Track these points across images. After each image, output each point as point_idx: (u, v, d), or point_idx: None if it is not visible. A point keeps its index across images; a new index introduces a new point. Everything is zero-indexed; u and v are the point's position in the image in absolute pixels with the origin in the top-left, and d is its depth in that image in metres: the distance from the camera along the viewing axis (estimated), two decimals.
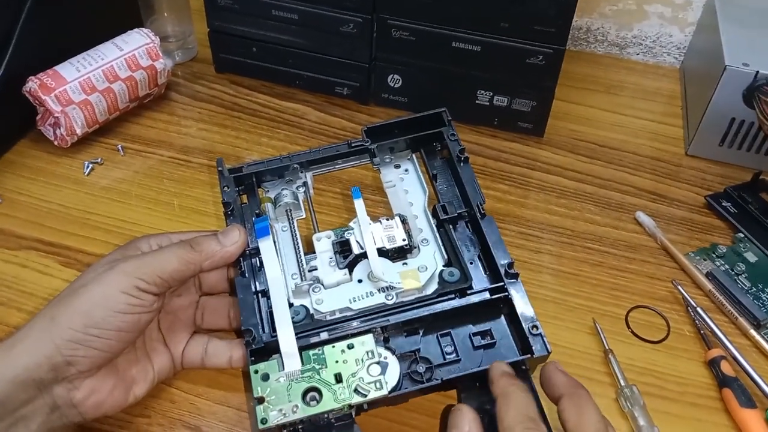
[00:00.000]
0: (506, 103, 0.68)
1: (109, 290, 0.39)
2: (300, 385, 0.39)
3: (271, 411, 0.38)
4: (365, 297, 0.43)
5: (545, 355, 0.40)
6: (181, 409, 0.47)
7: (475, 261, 0.45)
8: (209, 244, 0.43)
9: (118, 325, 0.39)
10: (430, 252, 0.46)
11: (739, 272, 0.57)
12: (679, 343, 0.52)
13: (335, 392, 0.38)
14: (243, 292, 0.43)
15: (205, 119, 0.71)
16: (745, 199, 0.63)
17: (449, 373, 0.40)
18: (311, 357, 0.40)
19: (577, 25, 0.84)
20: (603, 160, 0.69)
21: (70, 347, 0.38)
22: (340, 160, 0.51)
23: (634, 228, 0.62)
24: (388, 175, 0.51)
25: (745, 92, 0.63)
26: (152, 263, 0.41)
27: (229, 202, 0.47)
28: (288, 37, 0.70)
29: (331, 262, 0.46)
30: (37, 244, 0.58)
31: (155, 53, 0.68)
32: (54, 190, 0.63)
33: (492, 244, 0.44)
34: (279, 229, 0.49)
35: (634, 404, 0.47)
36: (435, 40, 0.66)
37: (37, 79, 0.62)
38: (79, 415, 0.40)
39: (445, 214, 0.47)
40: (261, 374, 0.39)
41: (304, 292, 0.44)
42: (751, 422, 0.46)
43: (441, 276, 0.44)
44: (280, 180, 0.51)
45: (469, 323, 0.43)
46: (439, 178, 0.50)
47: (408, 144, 0.52)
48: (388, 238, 0.46)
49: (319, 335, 0.41)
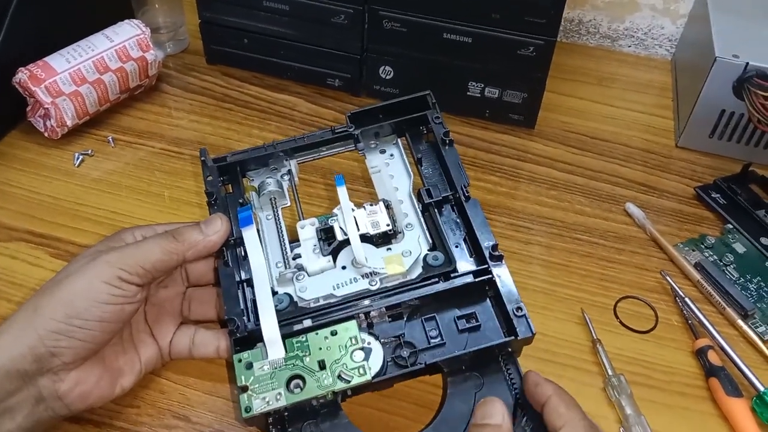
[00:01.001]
0: (497, 95, 0.68)
1: (91, 281, 0.39)
2: (283, 372, 0.39)
3: (255, 399, 0.38)
4: (349, 283, 0.43)
5: (530, 336, 0.40)
6: (170, 400, 0.47)
7: (460, 244, 0.45)
8: (191, 234, 0.43)
9: (100, 315, 0.39)
10: (415, 236, 0.46)
11: (728, 263, 0.57)
12: (666, 333, 0.53)
13: (319, 379, 0.39)
14: (226, 282, 0.43)
15: (196, 111, 0.71)
16: (735, 191, 0.63)
17: (433, 357, 0.40)
18: (294, 345, 0.40)
19: (569, 17, 0.84)
20: (593, 151, 0.69)
21: (52, 338, 0.38)
22: (324, 147, 0.51)
23: (623, 219, 0.62)
24: (373, 160, 0.51)
25: (735, 84, 0.63)
26: (135, 254, 0.41)
27: (212, 192, 0.47)
28: (279, 28, 0.70)
29: (315, 249, 0.46)
30: (27, 235, 0.58)
31: (146, 44, 0.68)
32: (44, 181, 0.63)
33: (476, 227, 0.44)
34: (263, 218, 0.49)
35: (622, 393, 0.47)
36: (426, 31, 0.66)
37: (26, 70, 0.62)
38: (65, 407, 0.40)
39: (430, 198, 0.47)
40: (245, 363, 0.39)
41: (288, 280, 0.44)
42: (738, 411, 0.47)
43: (425, 260, 0.44)
44: (264, 169, 0.51)
45: (454, 307, 0.43)
46: (424, 162, 0.50)
47: (393, 128, 0.52)
48: (372, 224, 0.46)
49: (302, 322, 0.41)
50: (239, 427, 0.45)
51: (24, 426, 0.39)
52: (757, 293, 0.55)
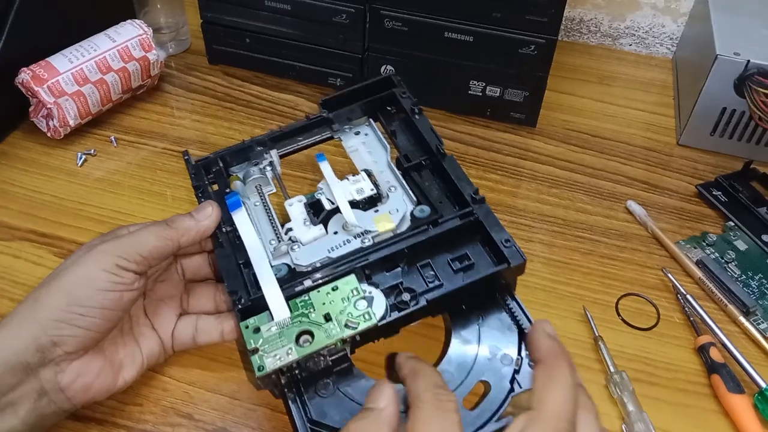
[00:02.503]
0: (499, 94, 0.69)
1: (90, 269, 0.40)
2: (291, 330, 0.39)
3: (266, 358, 0.38)
4: (343, 245, 0.45)
5: (521, 263, 0.42)
6: (173, 397, 0.47)
7: (444, 200, 0.47)
8: (184, 221, 0.44)
9: (101, 302, 0.40)
10: (399, 196, 0.48)
11: (729, 260, 0.57)
12: (668, 330, 0.53)
13: (326, 330, 0.39)
14: (224, 262, 0.44)
15: (198, 110, 0.71)
16: (736, 188, 0.63)
17: (434, 295, 0.41)
18: (298, 304, 0.41)
19: (570, 15, 0.84)
20: (595, 150, 0.69)
21: (55, 327, 0.39)
22: (301, 136, 0.53)
23: (625, 217, 0.62)
24: (349, 141, 0.53)
25: (736, 81, 0.63)
26: (131, 242, 0.42)
27: (198, 185, 0.49)
28: (281, 27, 0.70)
29: (306, 222, 0.47)
30: (30, 235, 0.58)
31: (148, 44, 0.68)
32: (47, 181, 0.63)
33: (456, 179, 0.46)
34: (252, 205, 0.49)
35: (624, 390, 0.47)
36: (427, 30, 0.66)
37: (29, 71, 0.62)
38: (68, 401, 0.40)
39: (408, 162, 0.49)
40: (252, 328, 0.40)
41: (283, 253, 0.45)
42: (739, 407, 0.47)
43: (412, 214, 0.46)
44: (247, 163, 0.52)
45: (446, 252, 0.44)
46: (398, 135, 0.52)
47: (364, 110, 0.53)
48: (357, 191, 0.47)
49: (303, 284, 0.42)
50: (243, 425, 0.46)
51: (27, 421, 0.39)
52: (759, 290, 0.55)
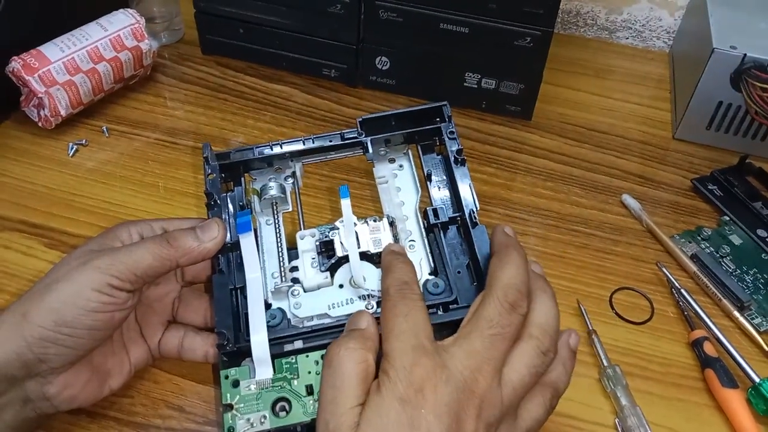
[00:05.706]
0: (494, 86, 0.68)
1: (81, 289, 0.38)
2: (270, 394, 0.38)
3: (239, 420, 0.37)
4: (345, 304, 0.41)
5: None
6: (164, 390, 0.47)
7: (463, 271, 0.43)
8: (186, 240, 0.41)
9: (90, 324, 0.38)
10: (417, 259, 0.43)
11: (724, 254, 0.57)
12: (662, 324, 0.53)
13: (305, 405, 0.37)
14: (219, 291, 0.41)
15: (191, 101, 0.71)
16: (731, 183, 0.63)
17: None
18: (284, 365, 0.39)
19: (567, 8, 0.84)
20: (590, 143, 0.69)
21: (41, 345, 0.37)
22: (332, 151, 0.48)
23: (620, 211, 0.62)
24: (381, 170, 0.49)
25: (732, 75, 0.63)
26: (126, 260, 0.39)
27: (211, 193, 0.44)
28: (275, 18, 0.70)
29: (314, 263, 0.44)
30: (21, 225, 0.57)
31: (140, 34, 0.67)
32: (38, 171, 0.62)
33: (481, 258, 0.41)
34: (263, 223, 0.47)
35: (617, 384, 0.47)
36: (423, 21, 0.65)
37: (20, 59, 0.61)
38: (53, 408, 0.39)
39: (437, 219, 0.44)
40: (231, 380, 0.38)
41: (283, 293, 0.43)
42: (733, 402, 0.47)
43: (425, 287, 0.42)
44: (268, 168, 0.48)
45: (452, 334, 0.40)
46: (433, 177, 0.47)
47: (404, 137, 0.48)
48: (374, 242, 0.43)
49: (293, 343, 0.40)
50: None
51: (12, 425, 0.38)
52: (753, 285, 0.55)
